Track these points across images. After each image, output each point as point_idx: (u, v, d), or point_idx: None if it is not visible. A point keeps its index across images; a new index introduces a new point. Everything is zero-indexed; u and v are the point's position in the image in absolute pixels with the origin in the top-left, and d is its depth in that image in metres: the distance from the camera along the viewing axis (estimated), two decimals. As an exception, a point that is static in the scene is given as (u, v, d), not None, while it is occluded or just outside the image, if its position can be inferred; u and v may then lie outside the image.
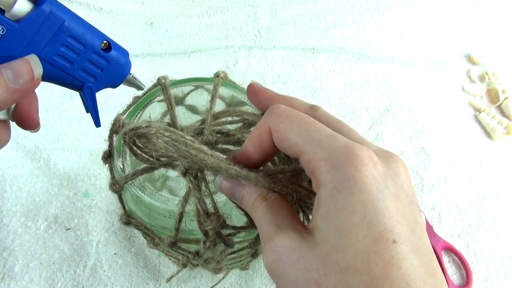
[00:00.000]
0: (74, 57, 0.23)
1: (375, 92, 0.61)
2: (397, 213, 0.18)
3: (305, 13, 0.72)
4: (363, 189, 0.18)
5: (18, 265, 0.43)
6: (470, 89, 0.62)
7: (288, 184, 0.23)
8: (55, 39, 0.22)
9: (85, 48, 0.23)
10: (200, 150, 0.22)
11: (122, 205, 0.31)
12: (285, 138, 0.21)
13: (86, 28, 0.23)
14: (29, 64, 0.21)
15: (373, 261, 0.17)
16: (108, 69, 0.24)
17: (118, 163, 0.29)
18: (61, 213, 0.46)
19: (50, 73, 0.23)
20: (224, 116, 0.29)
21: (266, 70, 0.63)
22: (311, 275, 0.18)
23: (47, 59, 0.22)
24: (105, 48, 0.24)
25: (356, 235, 0.17)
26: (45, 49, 0.22)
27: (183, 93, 0.34)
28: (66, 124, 0.54)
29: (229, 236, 0.28)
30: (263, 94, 0.27)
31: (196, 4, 0.72)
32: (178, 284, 0.43)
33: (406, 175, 0.20)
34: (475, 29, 0.71)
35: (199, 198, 0.25)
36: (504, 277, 0.45)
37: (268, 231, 0.21)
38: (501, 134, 0.56)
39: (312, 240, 0.19)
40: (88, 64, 0.24)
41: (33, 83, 0.22)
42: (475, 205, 0.50)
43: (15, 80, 0.21)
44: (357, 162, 0.18)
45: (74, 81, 0.24)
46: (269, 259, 0.20)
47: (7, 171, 0.49)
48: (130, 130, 0.24)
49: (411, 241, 0.18)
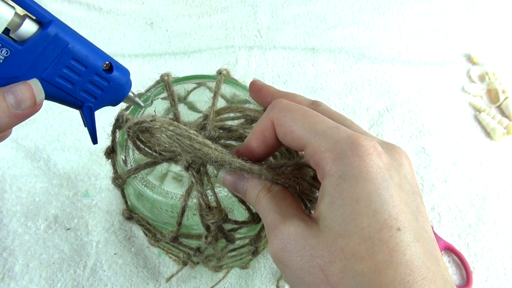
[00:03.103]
0: (76, 79, 0.23)
1: (375, 92, 0.61)
2: (401, 202, 0.18)
3: (305, 13, 0.72)
4: (368, 178, 0.18)
5: (18, 265, 0.43)
6: (470, 89, 0.62)
7: (291, 176, 0.23)
8: (58, 61, 0.22)
9: (87, 69, 0.23)
10: (204, 144, 0.22)
11: (124, 199, 0.32)
12: (289, 131, 0.21)
13: (89, 50, 0.23)
14: (31, 90, 0.21)
15: (377, 247, 0.17)
16: (109, 89, 0.24)
17: (121, 158, 0.29)
18: (61, 213, 0.46)
19: (51, 93, 0.23)
20: (226, 112, 0.30)
21: (266, 70, 0.63)
22: (317, 262, 0.18)
23: (49, 80, 0.22)
24: (107, 69, 0.24)
25: (361, 223, 0.18)
26: (48, 70, 0.22)
27: (186, 90, 0.34)
28: (66, 124, 0.54)
29: (231, 232, 0.28)
30: (265, 91, 0.27)
31: (196, 4, 0.72)
32: (178, 284, 0.43)
33: (409, 166, 0.21)
34: (475, 29, 0.71)
35: (201, 192, 0.25)
36: (504, 277, 0.45)
37: (273, 220, 0.21)
38: (501, 134, 0.56)
39: (317, 228, 0.19)
40: (89, 85, 0.24)
41: (34, 108, 0.22)
42: (475, 205, 0.50)
43: (17, 106, 0.21)
44: (362, 152, 0.19)
45: (74, 100, 0.24)
46: (275, 247, 0.20)
47: (7, 171, 0.49)
48: (134, 124, 0.24)
49: (415, 229, 0.18)
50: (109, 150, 0.31)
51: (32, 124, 0.53)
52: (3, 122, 0.21)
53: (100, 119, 0.28)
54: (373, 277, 0.17)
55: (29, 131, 0.52)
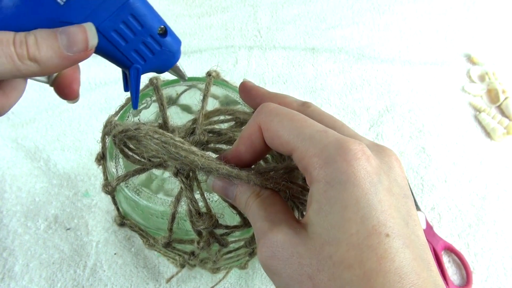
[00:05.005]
0: (130, 37, 0.22)
1: (375, 92, 0.61)
2: (390, 207, 0.18)
3: (305, 13, 0.72)
4: (356, 184, 0.18)
5: (18, 265, 0.43)
6: (470, 89, 0.62)
7: (281, 181, 0.23)
8: (117, 14, 0.21)
9: (143, 29, 0.23)
10: (190, 151, 0.22)
11: (115, 206, 0.31)
12: (276, 136, 0.21)
13: (148, 10, 0.22)
14: (85, 32, 0.21)
15: (366, 255, 0.17)
16: (159, 54, 0.24)
17: (111, 165, 0.29)
18: (61, 213, 0.46)
19: (103, 47, 0.22)
20: (216, 115, 0.29)
21: (266, 70, 0.63)
22: (305, 270, 0.18)
23: (104, 32, 0.22)
24: (161, 33, 0.23)
25: (349, 229, 0.17)
26: (105, 22, 0.21)
27: (177, 93, 0.34)
28: (66, 124, 0.54)
29: (223, 236, 0.28)
30: (255, 92, 0.26)
31: (196, 4, 0.72)
32: (178, 284, 0.43)
33: (399, 169, 0.20)
34: (475, 29, 0.71)
35: (191, 198, 0.25)
36: (504, 277, 0.45)
37: (261, 228, 0.21)
38: (501, 134, 0.56)
39: (306, 235, 0.19)
40: (142, 46, 0.23)
41: (86, 53, 0.21)
42: (475, 205, 0.50)
43: (69, 47, 0.20)
44: (349, 156, 0.18)
45: (123, 59, 0.23)
46: (264, 255, 0.20)
47: (7, 171, 0.49)
48: (119, 133, 0.24)
49: (404, 235, 0.18)
50: (99, 157, 0.30)
51: (32, 124, 0.53)
52: (53, 63, 0.20)
53: (100, 120, 0.27)
54: (361, 286, 0.16)
55: (29, 131, 0.52)
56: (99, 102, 0.56)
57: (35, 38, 0.20)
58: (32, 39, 0.20)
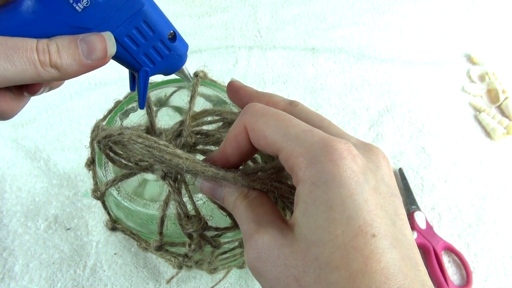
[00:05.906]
0: (142, 41, 0.23)
1: (375, 92, 0.61)
2: (377, 207, 0.18)
3: (305, 13, 0.72)
4: (341, 184, 0.18)
5: (18, 265, 0.43)
6: (470, 89, 0.62)
7: (268, 181, 0.22)
8: (131, 20, 0.22)
9: (154, 34, 0.23)
10: (175, 155, 0.22)
11: (106, 211, 0.31)
12: (262, 136, 0.20)
13: (159, 16, 0.23)
14: (104, 42, 0.21)
15: (352, 256, 0.16)
16: (168, 58, 0.25)
17: (99, 170, 0.29)
18: (61, 213, 0.46)
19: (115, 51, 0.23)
20: (204, 116, 0.29)
21: (266, 70, 0.63)
22: (291, 272, 0.18)
23: (118, 38, 0.22)
24: (170, 37, 0.24)
25: (335, 230, 0.17)
26: (119, 28, 0.22)
27: (165, 94, 0.34)
28: (66, 124, 0.54)
29: (215, 238, 0.28)
30: (242, 92, 0.26)
31: (196, 4, 0.72)
32: (178, 284, 0.43)
33: (387, 167, 0.20)
34: (475, 29, 0.71)
35: (179, 201, 0.24)
36: (504, 277, 0.45)
37: (248, 229, 0.20)
38: (501, 134, 0.56)
39: (292, 236, 0.19)
40: (152, 50, 0.24)
41: (104, 61, 0.22)
42: (475, 205, 0.50)
43: (88, 55, 0.21)
44: (335, 156, 0.18)
45: (134, 62, 0.24)
46: (250, 257, 0.20)
47: (7, 171, 0.49)
48: (103, 138, 0.24)
49: (391, 235, 0.17)
50: (89, 162, 0.30)
51: (32, 124, 0.53)
52: (72, 69, 0.21)
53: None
54: (347, 287, 0.16)
55: (29, 131, 0.52)
56: (99, 102, 0.56)
57: (56, 46, 0.20)
58: (54, 47, 0.20)
